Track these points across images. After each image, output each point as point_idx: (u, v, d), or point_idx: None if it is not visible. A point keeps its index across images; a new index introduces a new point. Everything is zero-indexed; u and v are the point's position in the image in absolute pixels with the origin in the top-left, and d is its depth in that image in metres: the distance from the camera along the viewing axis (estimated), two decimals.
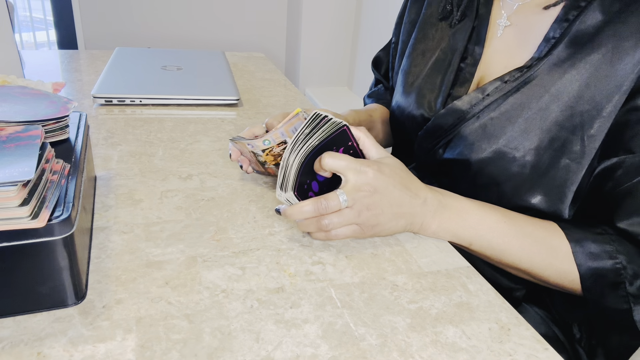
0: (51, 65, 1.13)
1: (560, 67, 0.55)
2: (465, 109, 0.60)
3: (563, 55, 0.55)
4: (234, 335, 0.38)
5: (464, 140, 0.60)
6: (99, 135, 0.74)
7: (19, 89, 0.54)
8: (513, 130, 0.56)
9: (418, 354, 0.38)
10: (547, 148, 0.55)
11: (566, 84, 0.54)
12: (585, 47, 0.54)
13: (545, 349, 0.40)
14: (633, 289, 0.49)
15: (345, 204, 0.48)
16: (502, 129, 0.57)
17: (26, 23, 2.70)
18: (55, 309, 0.39)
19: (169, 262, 0.46)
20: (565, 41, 0.55)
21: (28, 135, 0.42)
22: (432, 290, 0.46)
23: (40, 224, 0.35)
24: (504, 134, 0.57)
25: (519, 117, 0.56)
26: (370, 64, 2.13)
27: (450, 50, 0.66)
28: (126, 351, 0.36)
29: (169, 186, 0.60)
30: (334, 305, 0.43)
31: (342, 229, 0.50)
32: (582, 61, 0.54)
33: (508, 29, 0.62)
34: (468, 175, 0.60)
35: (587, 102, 0.53)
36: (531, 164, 0.55)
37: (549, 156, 0.55)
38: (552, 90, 0.55)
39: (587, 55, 0.53)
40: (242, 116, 0.89)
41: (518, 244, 0.53)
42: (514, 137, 0.56)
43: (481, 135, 0.59)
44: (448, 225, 0.53)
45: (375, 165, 0.50)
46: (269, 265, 0.47)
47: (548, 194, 0.55)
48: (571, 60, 0.54)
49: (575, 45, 0.54)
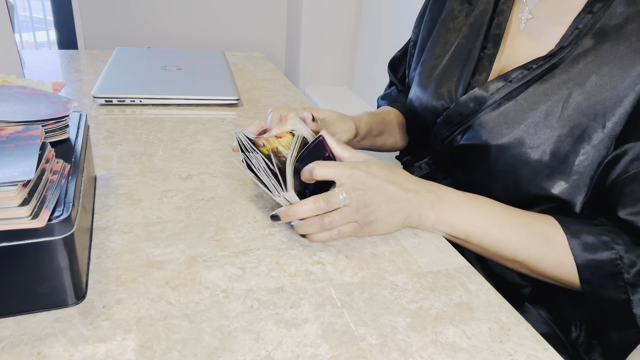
0: (51, 65, 1.13)
1: (585, 58, 0.55)
2: (487, 95, 0.61)
3: (588, 45, 0.55)
4: (234, 335, 0.38)
5: (483, 126, 0.61)
6: (99, 135, 0.74)
7: (19, 89, 0.54)
8: (534, 117, 0.57)
9: (418, 354, 0.38)
10: (567, 135, 0.55)
11: (589, 73, 0.54)
12: (611, 39, 0.54)
13: (545, 349, 0.40)
14: (630, 277, 0.49)
15: (344, 201, 0.49)
16: (524, 115, 0.57)
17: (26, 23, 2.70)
18: (56, 308, 0.39)
19: (169, 262, 0.46)
20: (591, 33, 0.55)
21: (28, 135, 0.42)
22: (432, 290, 0.46)
23: (40, 224, 0.35)
24: (525, 120, 0.57)
25: (541, 104, 0.57)
26: (370, 64, 2.13)
27: (470, 40, 0.67)
28: (126, 351, 0.36)
29: (169, 186, 0.60)
30: (334, 305, 0.43)
31: (344, 227, 0.51)
32: (607, 52, 0.54)
33: (530, 22, 0.63)
34: (485, 162, 0.60)
35: (609, 91, 0.53)
36: (551, 150, 0.56)
37: (569, 143, 0.55)
38: (574, 78, 0.55)
39: (612, 47, 0.54)
40: (242, 116, 0.89)
41: (514, 234, 0.53)
42: (535, 123, 0.56)
43: (502, 121, 0.59)
44: (445, 216, 0.54)
45: (364, 165, 0.52)
46: (269, 265, 0.47)
47: (567, 182, 0.55)
48: (597, 52, 0.55)
49: (600, 37, 0.55)
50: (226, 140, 0.76)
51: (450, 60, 0.69)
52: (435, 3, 0.78)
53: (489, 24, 0.66)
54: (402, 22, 1.81)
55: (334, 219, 0.49)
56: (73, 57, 1.22)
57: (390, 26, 1.91)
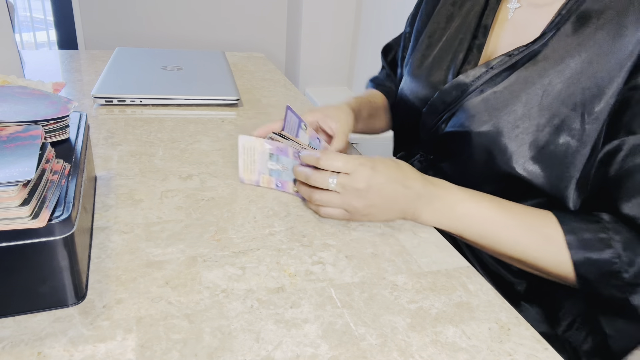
0: (51, 65, 1.13)
1: (566, 43, 0.55)
2: (469, 81, 0.62)
3: (569, 31, 0.55)
4: (234, 335, 0.38)
5: (465, 113, 0.61)
6: (99, 135, 0.74)
7: (19, 89, 0.55)
8: (515, 105, 0.57)
9: (418, 354, 0.38)
10: (545, 125, 0.55)
11: (569, 60, 0.55)
12: (591, 25, 0.54)
13: (545, 348, 0.40)
14: (629, 277, 0.48)
15: (333, 186, 0.52)
16: (504, 102, 0.58)
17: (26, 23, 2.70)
18: (56, 308, 0.39)
19: (169, 262, 0.46)
20: (571, 19, 0.56)
21: (28, 135, 0.42)
22: (432, 290, 0.46)
23: (40, 224, 0.35)
24: (506, 108, 0.57)
25: (522, 92, 0.57)
26: (370, 64, 2.13)
27: (462, 31, 0.68)
28: (126, 351, 0.36)
29: (169, 186, 0.60)
30: (334, 305, 0.43)
31: (329, 209, 0.54)
32: (587, 38, 0.54)
33: (518, 11, 0.64)
34: (467, 149, 0.61)
35: (588, 79, 0.53)
36: (530, 140, 0.56)
37: (547, 132, 0.55)
38: (555, 66, 0.55)
39: (592, 34, 0.54)
40: (242, 116, 0.89)
41: (510, 233, 0.53)
42: (515, 111, 0.57)
43: (483, 108, 0.59)
44: (438, 216, 0.55)
45: (370, 163, 0.53)
46: (269, 265, 0.47)
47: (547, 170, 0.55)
48: (577, 37, 0.55)
49: (581, 23, 0.55)
50: (226, 140, 0.77)
51: (441, 50, 0.70)
52: None
53: (481, 15, 0.67)
54: (401, 22, 1.80)
55: (321, 198, 0.53)
56: (73, 57, 1.22)
57: (390, 26, 1.91)
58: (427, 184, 0.55)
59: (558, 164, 0.55)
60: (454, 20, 0.70)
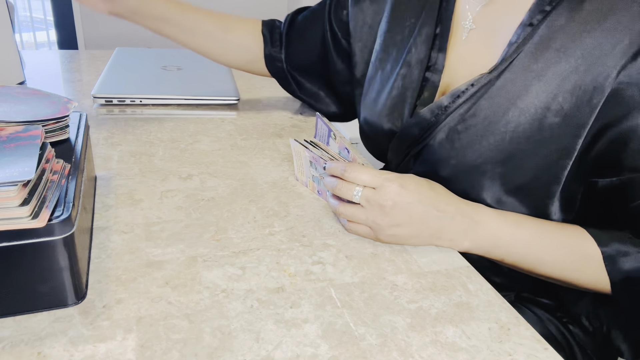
0: (51, 65, 1.13)
1: (525, 75, 0.52)
2: (429, 117, 0.58)
3: (527, 62, 0.52)
4: (234, 335, 0.38)
5: (432, 154, 0.58)
6: (99, 135, 0.74)
7: (19, 89, 0.55)
8: (481, 145, 0.54)
9: (418, 354, 0.38)
10: (518, 162, 0.53)
11: (533, 96, 0.51)
12: (551, 54, 0.51)
13: (545, 348, 0.40)
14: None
15: (357, 198, 0.51)
16: (470, 143, 0.55)
17: (26, 23, 2.70)
18: (56, 308, 0.39)
19: (169, 262, 0.46)
20: (528, 46, 0.52)
21: (28, 135, 0.42)
22: (432, 290, 0.46)
23: (40, 224, 0.35)
24: (471, 148, 0.55)
25: (487, 131, 0.54)
26: None
27: (415, 60, 0.63)
28: (126, 351, 0.36)
29: (169, 186, 0.60)
30: (334, 305, 0.43)
31: (354, 225, 0.52)
32: (548, 70, 0.51)
33: (473, 32, 0.59)
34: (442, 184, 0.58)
35: (554, 115, 0.51)
36: (500, 174, 0.54)
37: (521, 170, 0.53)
38: (518, 103, 0.52)
39: (554, 64, 0.50)
40: (242, 116, 0.89)
41: (552, 258, 0.51)
42: (482, 151, 0.54)
43: (449, 150, 0.56)
44: (481, 244, 0.52)
45: (399, 180, 0.50)
46: (269, 265, 0.47)
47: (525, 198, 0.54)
48: (537, 68, 0.51)
49: (540, 52, 0.51)
50: (226, 140, 0.76)
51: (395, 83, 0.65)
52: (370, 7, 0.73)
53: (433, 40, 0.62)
54: None
55: (345, 211, 0.52)
56: (73, 57, 1.22)
57: None
58: (464, 209, 0.52)
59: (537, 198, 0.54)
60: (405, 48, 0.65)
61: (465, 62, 0.59)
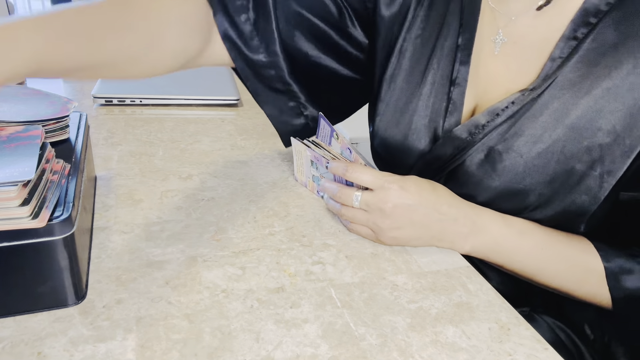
0: None
1: (572, 92, 0.49)
2: (465, 137, 0.53)
3: (573, 77, 0.49)
4: (234, 335, 0.38)
5: (470, 175, 0.54)
6: (99, 135, 0.74)
7: (19, 89, 0.55)
8: (526, 165, 0.51)
9: (418, 354, 0.38)
10: (563, 183, 0.50)
11: (580, 114, 0.48)
12: (599, 69, 0.47)
13: (545, 348, 0.40)
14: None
15: (357, 204, 0.51)
16: (513, 165, 0.51)
17: None
18: (56, 308, 0.39)
19: (169, 262, 0.46)
20: (574, 61, 0.49)
21: (28, 135, 0.42)
22: (432, 290, 0.46)
23: (40, 224, 0.35)
24: (514, 169, 0.51)
25: (531, 151, 0.50)
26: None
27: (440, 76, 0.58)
28: (126, 351, 0.36)
29: (169, 186, 0.60)
30: (334, 305, 0.43)
31: (357, 226, 0.53)
32: (596, 87, 0.48)
33: (506, 46, 0.54)
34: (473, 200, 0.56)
35: (606, 135, 0.48)
36: (545, 198, 0.51)
37: (564, 192, 0.50)
38: (565, 121, 0.49)
39: (602, 80, 0.47)
40: (242, 116, 0.89)
41: (553, 269, 0.51)
42: (526, 173, 0.51)
43: (489, 171, 0.53)
44: (482, 249, 0.52)
45: (400, 182, 0.50)
46: (269, 265, 0.47)
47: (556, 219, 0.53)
48: (584, 85, 0.48)
49: (587, 67, 0.48)
50: (226, 140, 0.76)
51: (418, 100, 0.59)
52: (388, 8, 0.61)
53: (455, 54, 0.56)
54: None
55: (347, 214, 0.53)
56: None
57: None
58: (467, 212, 0.51)
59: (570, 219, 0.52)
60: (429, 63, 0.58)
61: (498, 78, 0.55)
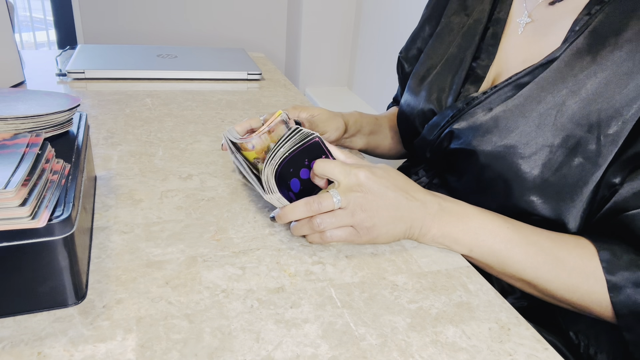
0: (51, 65, 1.13)
1: (580, 60, 0.53)
2: (476, 95, 0.60)
3: (582, 46, 0.53)
4: (234, 335, 0.38)
5: (472, 130, 0.59)
6: (99, 135, 0.74)
7: (27, 92, 0.55)
8: (526, 125, 0.54)
9: (418, 354, 0.38)
10: (560, 146, 0.52)
11: (584, 79, 0.52)
12: (607, 42, 0.51)
13: (545, 348, 0.40)
14: None
15: (338, 204, 0.49)
16: (515, 122, 0.55)
17: (26, 23, 2.70)
18: (56, 308, 0.39)
19: (169, 262, 0.46)
20: (585, 33, 0.53)
21: (14, 144, 0.41)
22: (432, 290, 0.46)
23: (40, 224, 0.35)
24: (517, 128, 0.55)
25: (533, 112, 0.54)
26: (369, 64, 2.13)
27: (463, 49, 0.66)
28: (126, 351, 0.36)
29: (169, 186, 0.60)
30: (334, 305, 0.43)
31: (336, 230, 0.50)
32: (603, 57, 0.51)
33: (529, 26, 0.61)
34: (474, 169, 0.59)
35: (605, 101, 0.51)
36: (543, 161, 0.53)
37: (561, 154, 0.52)
38: (569, 85, 0.53)
39: (609, 52, 0.51)
40: (243, 116, 0.89)
41: (522, 251, 0.50)
42: (527, 132, 0.54)
43: (492, 127, 0.57)
44: (448, 229, 0.51)
45: (367, 168, 0.51)
46: (269, 265, 0.47)
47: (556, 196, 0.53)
48: (591, 54, 0.52)
49: (595, 38, 0.52)
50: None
51: (441, 69, 0.68)
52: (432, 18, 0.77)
53: (483, 33, 0.65)
54: (402, 21, 1.80)
55: (324, 221, 0.48)
56: None
57: (390, 26, 1.91)
58: (434, 199, 0.52)
59: (570, 185, 0.52)
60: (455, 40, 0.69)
61: (518, 52, 0.61)
